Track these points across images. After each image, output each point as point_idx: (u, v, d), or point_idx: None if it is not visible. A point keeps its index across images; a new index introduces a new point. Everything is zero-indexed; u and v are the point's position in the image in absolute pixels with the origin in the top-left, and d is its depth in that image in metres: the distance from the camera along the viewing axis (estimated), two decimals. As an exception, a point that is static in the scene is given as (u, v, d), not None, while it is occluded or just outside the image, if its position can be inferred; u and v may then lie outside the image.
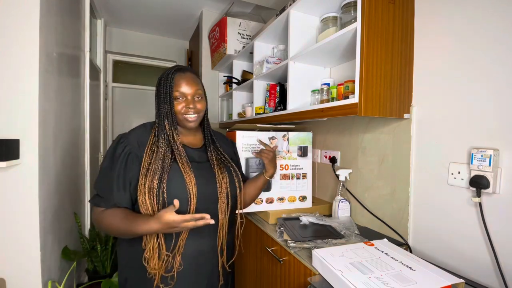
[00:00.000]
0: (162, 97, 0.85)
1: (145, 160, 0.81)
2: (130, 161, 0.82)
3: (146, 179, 0.79)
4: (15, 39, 1.09)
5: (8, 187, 1.10)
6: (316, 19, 1.31)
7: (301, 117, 1.21)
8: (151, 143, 0.84)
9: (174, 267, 0.80)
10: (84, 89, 1.97)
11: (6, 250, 1.10)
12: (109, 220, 0.78)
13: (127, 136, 0.85)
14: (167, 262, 0.80)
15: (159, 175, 0.79)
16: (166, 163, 0.81)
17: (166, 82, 0.85)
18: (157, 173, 0.79)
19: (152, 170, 0.79)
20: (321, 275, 0.77)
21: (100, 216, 0.80)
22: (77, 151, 1.82)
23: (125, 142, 0.83)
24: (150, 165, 0.80)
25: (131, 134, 0.86)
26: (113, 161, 0.82)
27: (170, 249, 0.81)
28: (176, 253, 0.81)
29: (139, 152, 0.83)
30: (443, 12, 0.91)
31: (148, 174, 0.79)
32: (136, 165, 0.82)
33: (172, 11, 2.56)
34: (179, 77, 0.86)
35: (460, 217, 0.86)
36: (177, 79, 0.86)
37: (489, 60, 0.79)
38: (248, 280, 1.40)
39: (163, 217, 0.70)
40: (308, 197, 1.32)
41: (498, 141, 0.77)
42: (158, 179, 0.79)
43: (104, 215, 0.80)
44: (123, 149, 0.82)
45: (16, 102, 1.10)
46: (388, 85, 0.94)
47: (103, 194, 0.81)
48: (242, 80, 2.08)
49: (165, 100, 0.85)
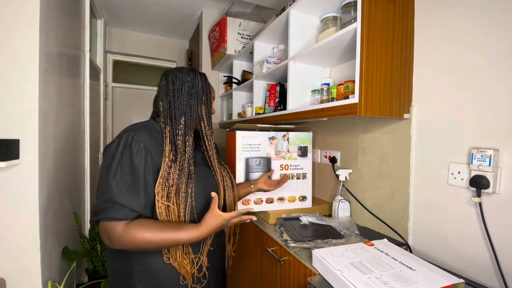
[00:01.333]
0: (200, 98, 0.84)
1: (164, 168, 0.74)
2: (149, 162, 0.74)
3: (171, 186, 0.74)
4: (15, 39, 1.09)
5: (8, 187, 1.10)
6: (316, 19, 1.31)
7: (301, 117, 1.21)
8: (168, 148, 0.77)
9: (204, 265, 0.82)
10: (84, 89, 1.97)
11: (6, 250, 1.10)
12: (144, 234, 0.67)
13: (136, 134, 0.75)
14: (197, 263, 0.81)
15: (186, 178, 0.76)
16: (191, 166, 0.79)
17: (204, 85, 0.85)
18: (184, 178, 0.76)
19: (177, 176, 0.75)
20: (321, 275, 0.77)
21: (128, 230, 0.67)
22: (77, 151, 1.82)
23: (138, 140, 0.74)
24: (171, 170, 0.75)
25: (139, 132, 0.76)
26: (132, 162, 0.71)
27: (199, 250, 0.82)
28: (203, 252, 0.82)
29: (154, 154, 0.75)
30: (443, 12, 0.91)
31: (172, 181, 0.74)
32: (155, 168, 0.75)
33: (172, 11, 2.57)
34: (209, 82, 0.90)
35: (460, 217, 0.86)
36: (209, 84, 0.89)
37: (489, 60, 0.79)
38: (248, 280, 1.40)
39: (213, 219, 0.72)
40: (308, 197, 1.32)
41: (498, 141, 0.77)
42: (185, 183, 0.76)
43: (133, 228, 0.67)
44: (140, 148, 0.73)
45: (16, 102, 1.10)
46: (388, 85, 0.94)
47: (126, 202, 0.68)
48: (242, 80, 2.07)
49: (202, 101, 0.85)
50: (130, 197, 0.69)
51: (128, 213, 0.68)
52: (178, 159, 0.77)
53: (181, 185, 0.75)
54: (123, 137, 0.74)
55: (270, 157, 1.26)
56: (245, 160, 1.22)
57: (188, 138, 0.81)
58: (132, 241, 0.67)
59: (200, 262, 0.81)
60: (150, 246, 0.68)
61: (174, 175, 0.75)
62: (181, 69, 0.85)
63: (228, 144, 1.30)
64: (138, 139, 0.74)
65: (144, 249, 0.70)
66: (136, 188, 0.71)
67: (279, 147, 1.27)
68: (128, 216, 0.69)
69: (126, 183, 0.70)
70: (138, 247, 0.68)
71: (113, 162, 0.71)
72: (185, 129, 0.81)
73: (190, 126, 0.82)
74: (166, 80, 0.84)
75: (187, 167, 0.78)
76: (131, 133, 0.74)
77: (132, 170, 0.71)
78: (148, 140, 0.76)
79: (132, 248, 0.69)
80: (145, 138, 0.75)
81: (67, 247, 1.50)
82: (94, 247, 1.78)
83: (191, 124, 0.82)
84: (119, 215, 0.68)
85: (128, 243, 0.67)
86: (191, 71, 0.85)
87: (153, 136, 0.78)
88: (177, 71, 0.85)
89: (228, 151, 1.30)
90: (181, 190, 0.75)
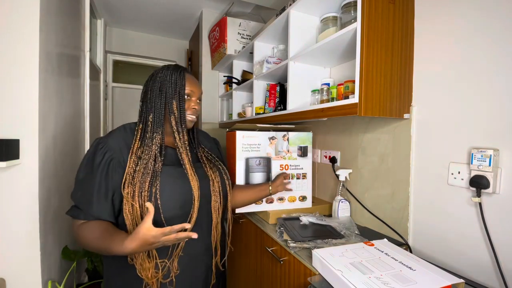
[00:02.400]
0: (170, 93, 0.80)
1: (130, 165, 0.75)
2: (111, 169, 0.75)
3: (135, 185, 0.73)
4: (15, 39, 1.09)
5: (8, 187, 1.10)
6: (316, 19, 1.31)
7: (301, 117, 1.21)
8: (136, 145, 0.78)
9: (172, 272, 0.78)
10: (84, 89, 1.97)
11: (6, 250, 1.10)
12: (86, 236, 0.71)
13: (105, 141, 0.77)
14: (164, 269, 0.77)
15: (150, 178, 0.74)
16: (157, 165, 0.76)
17: (177, 78, 0.81)
18: (148, 176, 0.74)
19: (141, 174, 0.73)
20: (321, 275, 0.77)
21: (79, 230, 0.73)
22: (77, 151, 1.82)
23: (105, 147, 0.76)
24: (137, 168, 0.74)
25: (110, 138, 0.79)
26: (92, 169, 0.74)
27: (168, 254, 0.77)
28: (174, 258, 0.78)
29: (121, 157, 0.76)
30: (443, 12, 0.91)
31: (136, 179, 0.73)
32: (119, 172, 0.75)
33: (172, 11, 2.57)
34: (189, 76, 0.85)
35: (460, 217, 0.86)
36: (187, 78, 0.84)
37: (489, 60, 0.79)
38: (248, 280, 1.40)
39: (139, 234, 0.62)
40: (308, 197, 1.32)
41: (498, 141, 0.77)
42: (149, 183, 0.73)
43: (82, 229, 0.72)
44: (103, 156, 0.75)
45: (16, 102, 1.10)
46: (388, 85, 0.94)
47: (82, 205, 0.74)
48: (242, 80, 2.08)
49: (173, 96, 0.80)
50: (85, 202, 0.74)
51: (82, 215, 0.74)
52: (143, 157, 0.76)
53: (144, 184, 0.73)
54: (94, 143, 0.78)
55: (270, 157, 1.26)
56: (245, 160, 1.22)
57: (155, 135, 0.79)
58: (79, 240, 0.73)
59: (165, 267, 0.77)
60: (91, 249, 0.72)
61: (139, 172, 0.74)
62: (159, 68, 0.85)
63: (228, 144, 1.30)
64: (103, 145, 0.76)
65: (89, 250, 0.73)
66: (90, 194, 0.74)
67: (279, 147, 1.27)
68: (82, 218, 0.74)
69: (84, 188, 0.75)
70: (83, 246, 0.74)
71: (81, 165, 0.77)
72: (153, 126, 0.79)
73: (158, 123, 0.80)
74: (146, 81, 0.85)
75: (152, 165, 0.75)
76: (101, 140, 0.78)
77: (91, 177, 0.74)
78: (117, 143, 0.78)
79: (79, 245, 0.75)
80: (113, 143, 0.77)
81: (67, 247, 1.50)
82: (94, 247, 1.78)
83: (160, 120, 0.80)
84: (75, 215, 0.75)
85: (78, 241, 0.74)
86: (166, 67, 0.84)
87: (126, 138, 0.80)
88: (155, 70, 0.85)
89: (228, 151, 1.30)
90: (144, 189, 0.72)
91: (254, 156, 1.23)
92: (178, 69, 0.84)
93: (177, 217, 0.77)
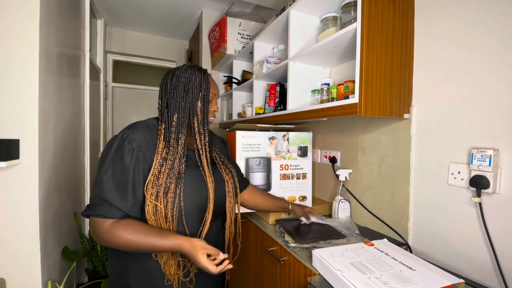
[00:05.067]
0: (195, 94, 0.80)
1: (156, 166, 0.74)
2: (140, 162, 0.73)
3: (160, 186, 0.72)
4: (15, 39, 1.09)
5: (8, 187, 1.10)
6: (316, 19, 1.31)
7: (301, 117, 1.21)
8: (161, 145, 0.77)
9: (192, 271, 0.80)
10: (84, 89, 1.97)
11: (6, 250, 1.10)
12: (129, 235, 0.67)
13: (132, 133, 0.75)
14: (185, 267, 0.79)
15: (176, 179, 0.74)
16: (182, 165, 0.76)
17: (202, 80, 0.81)
18: (174, 178, 0.74)
19: (166, 175, 0.73)
20: (321, 275, 0.77)
21: (113, 229, 0.68)
22: (77, 151, 1.82)
23: (132, 139, 0.74)
24: (162, 169, 0.74)
25: (136, 131, 0.76)
26: (122, 161, 0.71)
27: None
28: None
29: (147, 153, 0.75)
30: (443, 12, 0.91)
31: (161, 180, 0.73)
32: (146, 168, 0.74)
33: (172, 11, 2.56)
34: (211, 78, 0.86)
35: (460, 217, 0.86)
36: (211, 80, 0.85)
37: (489, 60, 0.79)
38: (248, 280, 1.40)
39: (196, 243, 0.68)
40: (308, 197, 1.32)
41: (498, 141, 0.77)
42: (175, 185, 0.73)
43: (118, 228, 0.68)
44: (133, 149, 0.73)
45: (16, 102, 1.10)
46: (388, 85, 0.94)
47: (114, 201, 0.69)
48: (242, 80, 2.07)
49: (198, 98, 0.80)
50: (118, 196, 0.70)
51: (115, 212, 0.69)
52: (169, 158, 0.76)
53: (170, 185, 0.73)
54: (119, 135, 0.75)
55: (270, 157, 1.26)
56: (245, 160, 1.22)
57: (180, 136, 0.78)
58: (116, 241, 0.68)
59: (188, 267, 0.79)
60: (133, 248, 0.69)
61: (164, 174, 0.73)
62: (180, 66, 0.84)
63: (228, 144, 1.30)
64: (132, 138, 0.74)
65: (128, 250, 0.70)
66: (124, 188, 0.71)
67: (279, 147, 1.27)
68: (115, 215, 0.69)
69: (116, 182, 0.70)
70: (122, 247, 0.69)
71: (106, 159, 0.72)
72: (178, 127, 0.79)
73: (183, 123, 0.79)
74: (166, 78, 0.83)
75: (178, 166, 0.75)
76: (126, 132, 0.75)
77: (122, 169, 0.71)
78: (144, 139, 0.76)
79: (117, 247, 0.69)
80: (139, 137, 0.75)
81: (67, 247, 1.50)
82: (94, 247, 1.78)
83: (184, 121, 0.79)
84: (106, 213, 0.68)
85: (113, 242, 0.68)
86: (189, 67, 0.83)
87: (151, 135, 0.79)
88: (176, 69, 0.84)
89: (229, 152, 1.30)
90: (170, 190, 0.73)
91: (254, 156, 1.23)
92: (201, 70, 0.84)
93: (194, 219, 0.79)
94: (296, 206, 1.15)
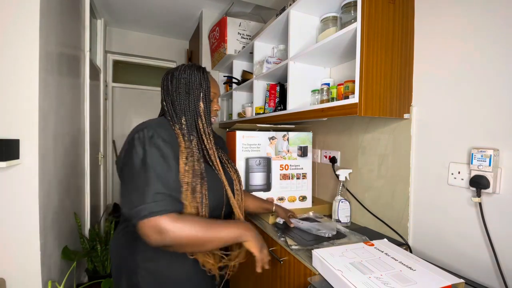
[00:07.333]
0: (196, 95, 0.80)
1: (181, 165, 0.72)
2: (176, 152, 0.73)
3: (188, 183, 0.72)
4: (15, 39, 1.09)
5: (8, 187, 1.10)
6: (316, 19, 1.31)
7: (301, 117, 1.21)
8: (183, 145, 0.75)
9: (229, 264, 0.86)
10: (84, 89, 1.98)
11: (6, 250, 1.10)
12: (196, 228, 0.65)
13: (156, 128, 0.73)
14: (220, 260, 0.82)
15: (199, 178, 0.74)
16: (201, 165, 0.76)
17: (202, 80, 0.81)
18: (198, 177, 0.74)
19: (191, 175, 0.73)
20: (321, 275, 0.77)
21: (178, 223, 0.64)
22: (77, 151, 1.82)
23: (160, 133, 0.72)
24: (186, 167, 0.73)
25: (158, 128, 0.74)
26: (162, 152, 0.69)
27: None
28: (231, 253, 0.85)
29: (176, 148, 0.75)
30: (443, 12, 0.91)
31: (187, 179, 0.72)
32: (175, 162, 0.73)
33: (172, 11, 2.57)
34: (211, 77, 0.86)
35: (460, 217, 0.86)
36: (211, 79, 0.85)
37: (489, 60, 0.79)
38: (248, 280, 1.40)
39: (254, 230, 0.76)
40: (308, 197, 1.32)
41: (498, 141, 0.77)
42: (199, 184, 0.73)
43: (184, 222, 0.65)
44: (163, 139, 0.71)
45: (16, 102, 1.10)
46: (388, 85, 0.94)
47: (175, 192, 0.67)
48: (242, 80, 2.07)
49: (199, 97, 0.80)
50: (176, 186, 0.68)
51: (178, 204, 0.67)
52: (188, 159, 0.75)
53: (196, 185, 0.73)
54: (143, 132, 0.71)
55: (270, 157, 1.26)
56: (245, 160, 1.22)
57: (192, 138, 0.78)
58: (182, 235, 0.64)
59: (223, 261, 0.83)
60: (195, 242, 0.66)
61: (188, 173, 0.72)
62: (178, 67, 0.84)
63: (228, 144, 1.30)
64: (159, 133, 0.72)
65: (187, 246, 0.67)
66: (175, 177, 0.69)
67: (279, 147, 1.27)
68: (179, 208, 0.67)
69: (167, 173, 0.68)
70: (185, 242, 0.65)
71: (145, 155, 0.68)
72: (188, 129, 0.79)
73: (192, 125, 0.79)
74: (166, 80, 0.83)
75: (199, 167, 0.75)
76: (150, 128, 0.72)
77: (165, 160, 0.69)
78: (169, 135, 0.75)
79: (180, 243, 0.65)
80: (164, 133, 0.74)
81: (67, 247, 1.50)
82: (94, 247, 1.78)
83: (192, 123, 0.80)
84: (172, 207, 0.65)
85: (178, 237, 0.64)
86: (187, 67, 0.82)
87: (168, 132, 0.76)
88: (174, 69, 0.83)
89: (228, 151, 1.30)
90: (197, 190, 0.72)
91: (254, 156, 1.23)
92: (200, 69, 0.84)
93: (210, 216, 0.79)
94: (279, 208, 1.15)
